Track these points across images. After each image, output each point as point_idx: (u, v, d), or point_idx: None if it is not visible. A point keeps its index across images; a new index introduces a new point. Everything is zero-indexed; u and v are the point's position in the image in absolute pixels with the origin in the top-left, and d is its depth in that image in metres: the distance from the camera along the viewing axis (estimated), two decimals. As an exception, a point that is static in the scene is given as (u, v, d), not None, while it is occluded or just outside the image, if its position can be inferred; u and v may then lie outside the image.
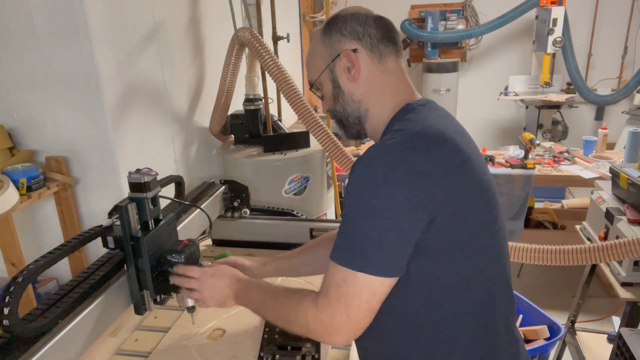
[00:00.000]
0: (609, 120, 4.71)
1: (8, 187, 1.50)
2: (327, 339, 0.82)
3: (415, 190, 0.74)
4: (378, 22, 0.92)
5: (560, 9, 4.02)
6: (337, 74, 0.91)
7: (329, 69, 0.91)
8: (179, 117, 2.19)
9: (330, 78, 0.92)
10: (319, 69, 0.93)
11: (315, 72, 0.95)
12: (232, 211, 1.69)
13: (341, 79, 0.91)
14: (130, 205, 0.97)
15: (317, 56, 0.94)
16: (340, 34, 0.90)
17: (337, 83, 0.92)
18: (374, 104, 0.91)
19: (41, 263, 0.88)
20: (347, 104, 0.92)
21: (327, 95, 0.95)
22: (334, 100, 0.94)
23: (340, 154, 2.06)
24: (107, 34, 1.66)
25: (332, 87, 0.92)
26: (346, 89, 0.91)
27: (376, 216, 0.75)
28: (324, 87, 0.94)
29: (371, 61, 0.90)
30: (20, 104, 1.73)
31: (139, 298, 1.05)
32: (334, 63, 0.91)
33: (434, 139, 0.79)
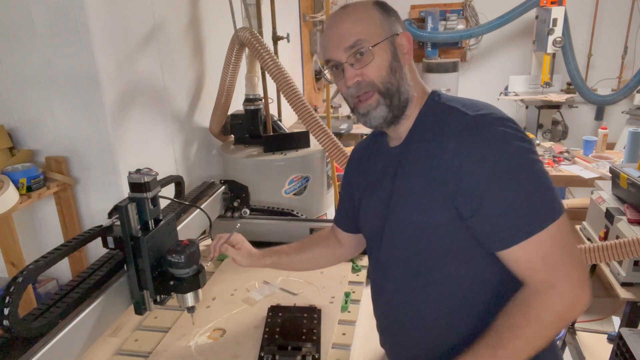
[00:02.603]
0: (609, 120, 4.71)
1: (8, 187, 1.50)
2: (582, 306, 0.78)
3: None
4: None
5: (560, 9, 4.02)
6: (398, 48, 0.89)
7: (390, 40, 0.88)
8: (179, 117, 2.19)
9: (390, 49, 0.88)
10: (378, 34, 0.87)
11: (371, 35, 0.87)
12: (232, 211, 1.69)
13: (401, 55, 0.89)
14: (130, 205, 0.97)
15: (376, 22, 0.88)
16: (396, 18, 0.90)
17: (397, 57, 0.88)
18: (416, 92, 0.91)
19: (41, 263, 0.88)
20: (402, 81, 0.89)
21: (381, 63, 0.87)
22: (389, 71, 0.88)
23: (340, 154, 2.06)
24: (107, 34, 1.66)
25: (391, 58, 0.88)
26: (405, 67, 0.89)
27: (539, 163, 0.78)
28: (379, 55, 0.87)
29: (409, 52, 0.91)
30: (20, 104, 1.73)
31: (139, 298, 1.05)
32: (394, 37, 0.88)
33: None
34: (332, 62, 0.90)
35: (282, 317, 1.20)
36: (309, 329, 1.14)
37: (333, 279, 1.42)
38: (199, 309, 1.27)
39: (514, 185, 0.76)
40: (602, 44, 4.74)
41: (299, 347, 1.09)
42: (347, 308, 1.29)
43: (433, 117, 0.88)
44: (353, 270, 1.48)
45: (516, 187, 0.76)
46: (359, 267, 1.49)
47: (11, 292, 0.81)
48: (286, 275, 1.46)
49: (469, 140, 0.79)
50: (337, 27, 0.89)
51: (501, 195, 0.77)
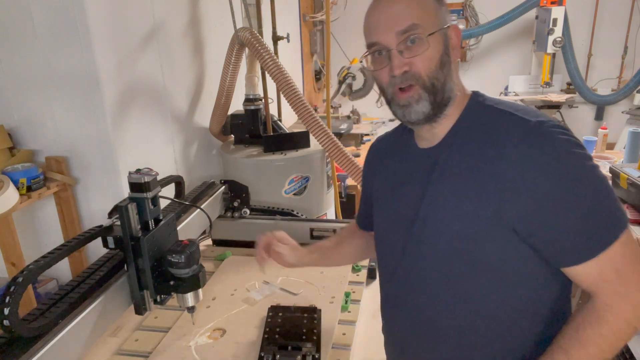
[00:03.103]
0: (609, 120, 4.71)
1: (8, 187, 1.50)
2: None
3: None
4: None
5: (560, 9, 4.02)
6: (450, 41, 0.81)
7: (443, 32, 0.80)
8: (179, 117, 2.19)
9: (442, 41, 0.80)
10: (434, 22, 0.79)
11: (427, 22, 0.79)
12: (232, 211, 1.69)
13: (451, 49, 0.82)
14: (131, 205, 0.97)
15: (431, 8, 0.80)
16: (446, 9, 0.82)
17: (448, 50, 0.81)
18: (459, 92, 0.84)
19: (41, 263, 0.88)
20: (449, 78, 0.81)
21: (433, 55, 0.79)
22: (439, 65, 0.80)
23: (340, 154, 2.06)
24: (107, 34, 1.66)
25: (443, 51, 0.80)
26: (453, 64, 0.82)
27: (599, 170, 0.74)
28: (432, 46, 0.79)
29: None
30: (20, 104, 1.73)
31: (139, 298, 1.05)
32: (447, 29, 0.80)
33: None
34: (377, 46, 0.81)
35: (282, 317, 1.20)
36: (309, 329, 1.14)
37: (333, 279, 1.42)
38: (199, 309, 1.27)
39: (585, 197, 0.72)
40: (602, 44, 4.74)
41: (299, 347, 1.09)
42: (347, 308, 1.29)
43: (482, 120, 0.81)
44: (353, 270, 1.48)
45: (587, 198, 0.72)
46: (359, 267, 1.49)
47: (11, 292, 0.81)
48: (286, 275, 1.46)
49: (532, 148, 0.72)
50: (389, 5, 0.79)
51: (572, 208, 0.72)
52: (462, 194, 0.78)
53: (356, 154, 3.50)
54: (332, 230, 1.58)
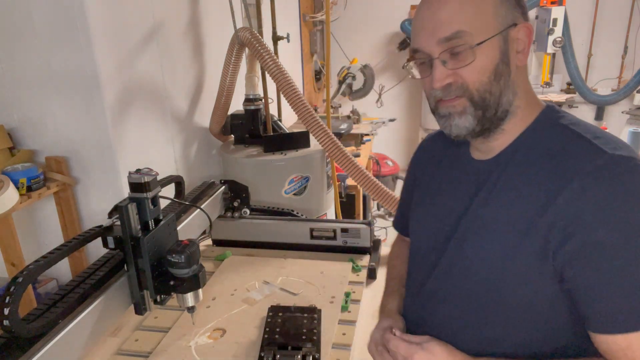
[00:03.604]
0: (609, 120, 4.71)
1: (8, 187, 1.50)
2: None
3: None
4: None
5: (560, 9, 4.02)
6: (510, 48, 0.69)
7: (503, 35, 0.68)
8: (179, 117, 2.19)
9: (500, 48, 0.68)
10: (489, 26, 0.67)
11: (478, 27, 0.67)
12: (232, 211, 1.69)
13: (512, 56, 0.69)
14: (131, 205, 0.97)
15: (489, 7, 0.67)
16: (517, 3, 0.69)
17: (507, 59, 0.69)
18: (524, 102, 0.72)
19: (41, 263, 0.88)
20: (506, 91, 0.70)
21: (484, 65, 0.68)
22: (493, 76, 0.69)
23: (340, 154, 2.06)
24: (107, 34, 1.66)
25: (500, 60, 0.68)
26: (513, 73, 0.70)
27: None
28: (484, 54, 0.67)
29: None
30: (21, 104, 1.73)
31: (139, 298, 1.05)
32: (508, 31, 0.68)
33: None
34: (419, 54, 0.72)
35: (282, 317, 1.19)
36: (309, 329, 1.14)
37: (333, 279, 1.42)
38: (199, 309, 1.27)
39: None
40: (602, 44, 4.73)
41: (299, 347, 1.09)
42: (347, 308, 1.29)
43: (549, 142, 0.70)
44: (353, 270, 1.48)
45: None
46: (359, 267, 1.49)
47: (11, 292, 0.81)
48: (286, 275, 1.46)
49: (601, 186, 0.62)
50: (435, 7, 0.69)
51: (625, 268, 0.62)
52: (509, 222, 0.70)
53: (356, 154, 3.49)
54: (332, 230, 1.58)
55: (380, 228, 4.10)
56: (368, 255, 1.56)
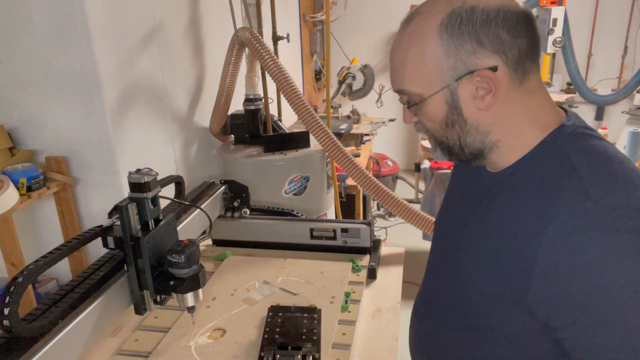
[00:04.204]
0: (609, 120, 4.71)
1: (8, 187, 1.50)
2: None
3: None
4: (529, 24, 0.65)
5: (560, 9, 4.02)
6: (461, 97, 0.65)
7: (449, 89, 0.65)
8: (179, 117, 2.19)
9: (447, 101, 0.66)
10: (431, 84, 0.65)
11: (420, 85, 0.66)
12: (232, 211, 1.69)
13: (466, 105, 0.66)
14: (131, 205, 0.97)
15: (429, 65, 0.64)
16: (478, 42, 0.62)
17: (458, 109, 0.66)
18: (509, 134, 0.68)
19: (41, 263, 0.88)
20: (467, 135, 0.68)
21: (433, 117, 0.68)
22: (445, 125, 0.68)
23: (340, 154, 2.06)
24: (107, 34, 1.66)
25: (448, 111, 0.67)
26: (471, 118, 0.67)
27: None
28: (430, 107, 0.67)
29: (512, 82, 0.64)
30: (20, 104, 1.73)
31: (139, 298, 1.05)
32: (458, 82, 0.64)
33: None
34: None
35: (282, 317, 1.20)
36: (309, 329, 1.14)
37: (333, 279, 1.42)
38: (199, 309, 1.27)
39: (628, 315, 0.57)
40: (602, 44, 4.74)
41: (299, 347, 1.09)
42: (347, 308, 1.29)
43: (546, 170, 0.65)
44: (353, 270, 1.48)
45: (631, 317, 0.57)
46: (359, 267, 1.49)
47: (11, 292, 0.81)
48: (286, 275, 1.46)
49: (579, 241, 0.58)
50: (391, 53, 0.70)
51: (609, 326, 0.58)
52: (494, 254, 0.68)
53: (356, 154, 3.49)
54: (332, 230, 1.58)
55: (380, 228, 4.10)
56: (368, 255, 1.56)
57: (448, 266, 0.81)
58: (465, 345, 0.78)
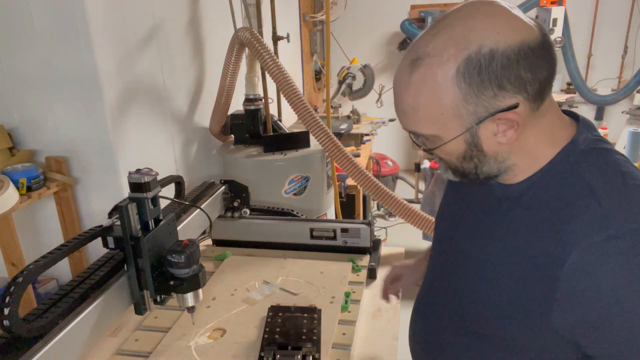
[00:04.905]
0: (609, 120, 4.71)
1: (8, 187, 1.50)
2: None
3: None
4: (548, 53, 0.61)
5: (560, 9, 4.02)
6: (482, 137, 0.64)
7: (470, 132, 0.63)
8: (179, 117, 2.19)
9: (467, 141, 0.64)
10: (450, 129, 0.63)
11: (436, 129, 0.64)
12: (232, 211, 1.69)
13: (486, 142, 0.64)
14: (131, 205, 0.97)
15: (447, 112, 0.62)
16: (499, 86, 0.59)
17: (478, 147, 0.65)
18: (524, 156, 0.67)
19: (41, 263, 0.88)
20: (484, 164, 0.67)
21: (451, 153, 0.67)
22: (462, 159, 0.68)
23: (340, 154, 2.06)
24: (107, 34, 1.66)
25: (467, 148, 0.66)
26: (490, 151, 0.66)
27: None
28: (448, 147, 0.66)
29: (531, 112, 0.63)
30: (20, 104, 1.73)
31: (139, 298, 1.05)
32: (479, 125, 0.62)
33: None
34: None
35: (282, 317, 1.20)
36: (309, 329, 1.14)
37: (333, 279, 1.42)
38: (199, 309, 1.27)
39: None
40: (602, 44, 4.73)
41: (299, 347, 1.09)
42: (347, 308, 1.29)
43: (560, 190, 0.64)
44: (353, 270, 1.48)
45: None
46: (359, 267, 1.49)
47: (11, 292, 0.81)
48: (286, 275, 1.46)
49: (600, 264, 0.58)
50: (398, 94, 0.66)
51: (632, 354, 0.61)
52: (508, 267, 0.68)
53: (356, 154, 3.49)
54: (332, 230, 1.58)
55: (380, 228, 4.10)
56: (368, 255, 1.56)
57: (457, 272, 0.80)
58: (476, 350, 0.78)
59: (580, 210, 0.61)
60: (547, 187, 0.66)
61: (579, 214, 0.61)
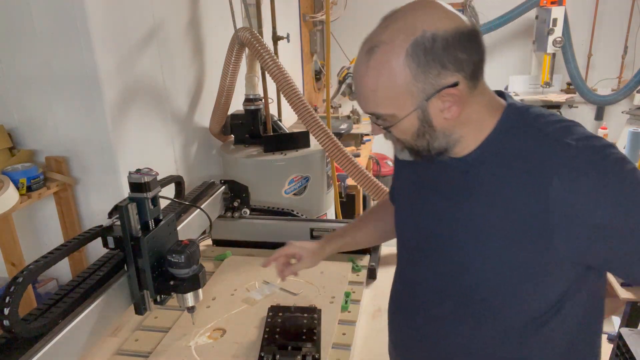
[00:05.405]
0: (609, 120, 4.71)
1: (8, 187, 1.50)
2: None
3: None
4: (478, 39, 0.73)
5: (560, 9, 4.02)
6: (431, 113, 0.73)
7: (421, 108, 0.73)
8: (179, 117, 2.19)
9: (419, 117, 0.74)
10: (404, 106, 0.73)
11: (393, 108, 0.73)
12: (232, 211, 1.69)
13: (435, 118, 0.74)
14: (131, 205, 0.97)
15: (401, 90, 0.72)
16: (442, 66, 0.70)
17: (428, 122, 0.74)
18: (470, 128, 0.77)
19: (41, 263, 0.88)
20: (435, 140, 0.77)
21: (406, 130, 0.76)
22: (416, 137, 0.77)
23: (340, 154, 2.06)
24: (107, 34, 1.66)
25: (419, 125, 0.75)
26: (439, 126, 0.75)
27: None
28: (403, 124, 0.75)
29: (470, 90, 0.73)
30: (20, 104, 1.73)
31: (139, 298, 1.05)
32: (428, 102, 0.72)
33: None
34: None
35: (282, 317, 1.20)
36: (309, 329, 1.14)
37: (333, 279, 1.42)
38: (199, 309, 1.27)
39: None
40: (602, 44, 4.73)
41: (299, 347, 1.09)
42: (347, 308, 1.29)
43: (518, 144, 0.75)
44: (353, 270, 1.48)
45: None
46: (359, 267, 1.49)
47: (11, 292, 0.81)
48: (286, 275, 1.46)
49: (581, 178, 0.68)
50: (358, 80, 0.76)
51: (635, 234, 0.69)
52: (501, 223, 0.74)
53: (356, 154, 3.49)
54: (332, 230, 1.58)
55: (380, 228, 4.09)
56: (368, 255, 1.56)
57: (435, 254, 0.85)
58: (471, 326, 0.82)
59: (543, 150, 0.72)
60: (505, 144, 0.76)
61: (543, 152, 0.71)
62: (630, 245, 0.70)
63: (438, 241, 0.83)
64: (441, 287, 0.85)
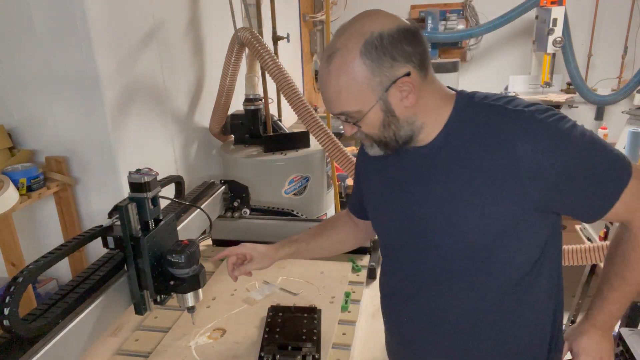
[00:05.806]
0: (609, 120, 4.71)
1: (8, 187, 1.50)
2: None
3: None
4: (419, 34, 0.83)
5: (560, 9, 4.02)
6: (392, 102, 0.82)
7: (382, 99, 0.82)
8: (179, 117, 2.19)
9: (382, 108, 0.83)
10: (367, 101, 0.82)
11: (357, 104, 0.82)
12: (232, 211, 1.69)
13: (396, 107, 0.83)
14: (131, 205, 0.97)
15: (362, 86, 0.81)
16: (392, 58, 0.79)
17: (391, 112, 0.83)
18: (430, 114, 0.86)
19: (41, 263, 0.88)
20: (400, 129, 0.85)
21: (373, 124, 0.85)
22: (383, 128, 0.85)
23: (340, 154, 2.06)
24: (107, 34, 1.66)
25: (384, 116, 0.84)
26: (401, 115, 0.84)
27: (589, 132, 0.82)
28: (369, 117, 0.84)
29: (422, 79, 0.83)
30: (20, 104, 1.73)
31: (139, 298, 1.05)
32: (387, 92, 0.81)
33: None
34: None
35: (282, 317, 1.20)
36: (309, 329, 1.14)
37: (333, 279, 1.42)
38: (199, 309, 1.27)
39: (595, 158, 0.80)
40: (602, 44, 4.73)
41: (299, 347, 1.09)
42: (347, 308, 1.29)
43: (476, 120, 0.84)
44: (353, 270, 1.48)
45: (597, 158, 0.80)
46: (359, 267, 1.49)
47: (11, 292, 0.81)
48: (286, 275, 1.46)
49: (539, 137, 0.78)
50: (322, 86, 0.85)
51: (591, 173, 0.80)
52: (477, 190, 0.82)
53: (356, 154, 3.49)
54: (332, 230, 1.58)
55: (380, 228, 4.09)
56: (368, 255, 1.56)
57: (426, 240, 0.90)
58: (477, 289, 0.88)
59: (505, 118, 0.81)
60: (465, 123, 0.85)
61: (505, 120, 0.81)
62: (588, 184, 0.81)
63: (422, 224, 0.90)
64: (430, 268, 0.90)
